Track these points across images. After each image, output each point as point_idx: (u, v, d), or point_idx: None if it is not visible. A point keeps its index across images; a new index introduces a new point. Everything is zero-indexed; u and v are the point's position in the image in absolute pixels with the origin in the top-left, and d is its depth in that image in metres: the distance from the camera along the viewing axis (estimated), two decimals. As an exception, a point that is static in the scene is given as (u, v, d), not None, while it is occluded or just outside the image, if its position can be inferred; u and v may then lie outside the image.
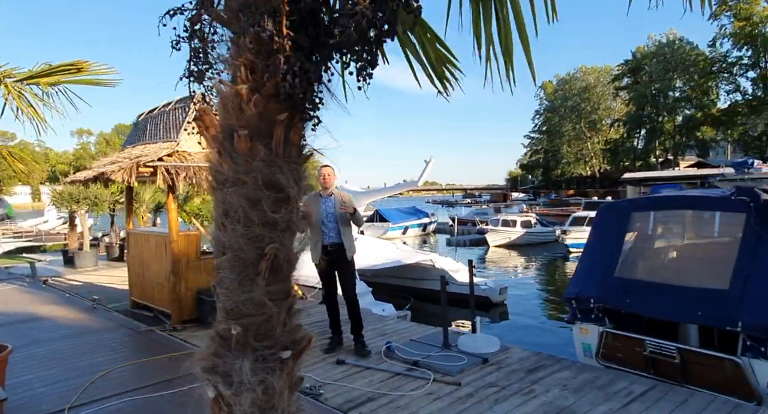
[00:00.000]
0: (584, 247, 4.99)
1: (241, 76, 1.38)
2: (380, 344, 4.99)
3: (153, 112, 6.74)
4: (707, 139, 54.01)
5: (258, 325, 1.48)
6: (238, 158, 1.42)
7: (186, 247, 6.11)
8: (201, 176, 5.81)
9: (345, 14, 1.12)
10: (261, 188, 1.42)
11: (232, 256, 1.45)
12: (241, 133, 1.40)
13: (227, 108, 1.44)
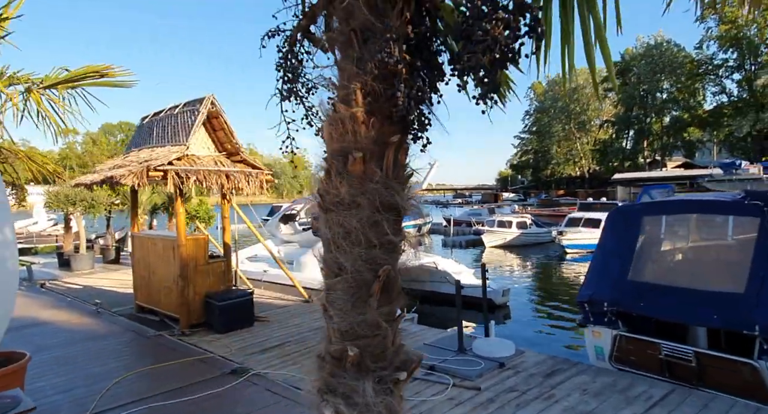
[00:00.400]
0: (595, 251, 5.05)
1: (356, 99, 1.39)
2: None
3: (159, 115, 6.68)
4: (694, 140, 54.86)
5: (373, 347, 1.49)
6: (352, 180, 1.43)
7: (194, 251, 6.08)
8: (211, 180, 5.78)
9: (477, 41, 1.13)
10: (379, 210, 1.43)
11: (349, 278, 1.45)
12: (355, 155, 1.41)
13: (339, 130, 1.45)
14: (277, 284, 8.44)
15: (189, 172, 5.62)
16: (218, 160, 6.15)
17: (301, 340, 5.50)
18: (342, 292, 1.49)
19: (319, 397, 1.53)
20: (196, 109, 6.00)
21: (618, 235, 4.82)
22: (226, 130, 6.16)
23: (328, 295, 1.55)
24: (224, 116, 6.11)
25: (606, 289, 4.55)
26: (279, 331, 5.89)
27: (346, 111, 1.41)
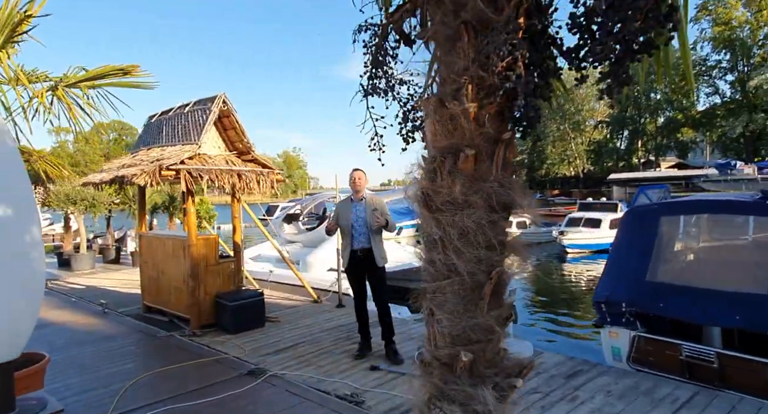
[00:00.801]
0: (611, 251, 5.06)
1: (468, 94, 1.35)
2: (410, 349, 5.00)
3: (168, 114, 6.62)
4: (687, 141, 55.30)
5: (486, 352, 1.46)
6: (464, 179, 1.39)
7: (205, 251, 6.03)
8: (223, 179, 5.74)
9: (609, 32, 1.11)
10: (495, 210, 1.40)
11: (461, 280, 1.42)
12: (468, 152, 1.37)
13: (447, 127, 1.40)
14: (283, 284, 8.39)
15: (201, 172, 5.57)
16: (229, 159, 6.10)
17: (315, 341, 5.47)
18: (453, 295, 1.45)
19: (428, 404, 1.49)
20: (208, 108, 5.95)
21: (635, 235, 4.83)
22: (237, 129, 6.11)
23: (434, 297, 1.49)
24: (235, 115, 6.07)
25: (623, 289, 4.56)
26: (291, 332, 5.86)
27: (456, 107, 1.37)
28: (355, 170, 4.96)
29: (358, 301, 5.01)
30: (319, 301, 7.28)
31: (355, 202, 4.93)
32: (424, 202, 1.48)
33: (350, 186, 4.97)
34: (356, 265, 4.87)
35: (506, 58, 1.24)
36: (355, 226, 4.84)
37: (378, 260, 4.82)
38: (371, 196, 5.00)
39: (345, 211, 4.92)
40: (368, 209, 4.86)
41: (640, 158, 58.47)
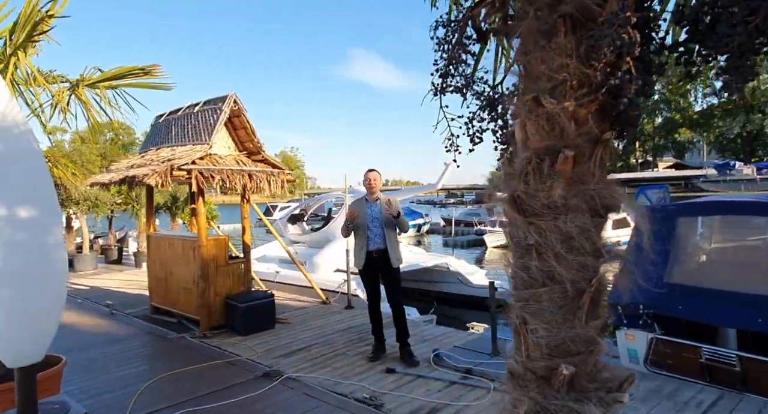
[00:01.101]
0: (626, 251, 5.04)
1: (567, 91, 1.29)
2: (424, 350, 4.97)
3: (177, 114, 6.57)
4: (685, 141, 55.52)
5: (586, 364, 1.39)
6: (562, 181, 1.33)
7: (215, 251, 5.99)
8: (234, 180, 5.69)
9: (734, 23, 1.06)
10: (599, 214, 1.34)
11: (560, 288, 1.36)
12: (567, 153, 1.31)
13: (543, 126, 1.34)
14: (290, 285, 8.35)
15: (213, 172, 5.53)
16: (239, 159, 6.06)
17: (327, 343, 5.43)
18: (550, 303, 1.39)
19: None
20: (218, 108, 5.90)
21: (651, 236, 4.81)
22: (248, 129, 6.07)
23: (527, 305, 1.44)
24: (246, 115, 6.02)
25: (641, 291, 4.54)
26: (302, 334, 5.82)
27: (554, 105, 1.30)
28: (370, 171, 4.92)
29: (372, 302, 4.97)
30: (327, 303, 7.24)
31: (370, 202, 4.90)
32: (516, 206, 1.41)
33: (365, 187, 4.94)
34: (371, 265, 4.83)
35: (614, 54, 1.18)
36: (370, 227, 4.81)
37: (393, 261, 4.79)
38: (386, 196, 4.96)
39: (360, 211, 4.89)
40: (383, 209, 4.83)
41: (637, 158, 58.66)
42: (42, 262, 2.75)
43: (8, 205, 2.61)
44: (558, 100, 1.32)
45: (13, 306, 2.73)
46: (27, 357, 2.90)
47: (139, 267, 11.57)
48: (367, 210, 4.86)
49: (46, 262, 2.78)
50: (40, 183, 2.76)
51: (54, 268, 2.85)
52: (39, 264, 2.73)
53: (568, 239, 1.35)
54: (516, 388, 1.47)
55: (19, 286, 2.74)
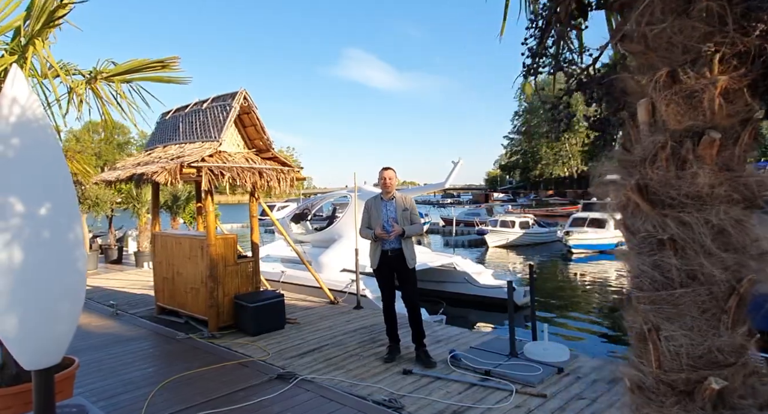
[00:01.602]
0: None
1: (715, 64, 1.14)
2: (439, 351, 4.90)
3: (184, 110, 6.47)
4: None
5: (736, 377, 1.23)
6: (707, 167, 1.19)
7: (224, 250, 5.89)
8: (244, 177, 5.60)
9: None
10: (753, 203, 1.20)
11: (706, 289, 1.22)
12: (713, 135, 1.17)
13: (682, 105, 1.19)
14: (296, 285, 8.26)
15: (223, 169, 5.43)
16: (248, 157, 5.96)
17: (339, 344, 5.35)
18: (692, 307, 1.23)
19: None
20: (228, 104, 5.81)
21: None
22: (258, 126, 5.98)
23: (659, 309, 1.28)
24: (256, 112, 5.93)
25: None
26: (313, 334, 5.74)
27: (697, 80, 1.15)
28: (385, 169, 4.84)
29: (387, 302, 4.90)
30: (335, 303, 7.16)
31: (385, 201, 4.82)
32: (643, 196, 1.25)
33: (380, 185, 4.86)
34: (386, 265, 4.76)
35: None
36: (385, 227, 4.73)
37: (409, 261, 4.71)
38: (401, 195, 4.89)
39: (375, 210, 4.81)
40: (399, 209, 4.75)
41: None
42: (62, 260, 2.66)
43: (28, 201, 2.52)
44: (701, 74, 1.16)
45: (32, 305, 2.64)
46: (45, 359, 2.80)
47: (140, 266, 11.44)
48: (382, 209, 4.78)
49: (66, 260, 2.68)
50: (59, 179, 2.67)
51: (74, 267, 2.76)
52: (59, 262, 2.64)
53: (719, 233, 1.20)
54: (646, 403, 1.31)
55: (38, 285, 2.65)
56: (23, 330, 2.67)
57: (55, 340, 2.85)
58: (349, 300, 7.31)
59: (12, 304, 2.51)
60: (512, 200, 61.02)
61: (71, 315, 2.90)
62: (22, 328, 2.66)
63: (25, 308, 2.66)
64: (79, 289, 2.98)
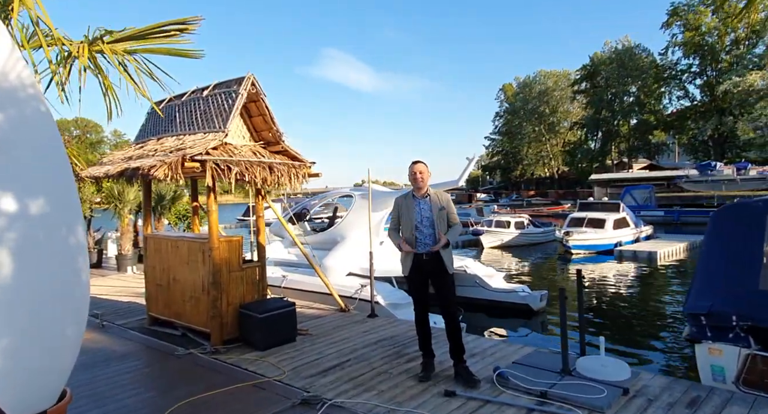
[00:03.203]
0: (701, 255, 4.57)
1: None
2: (479, 368, 4.38)
3: (181, 99, 5.81)
4: (658, 143, 56.66)
5: None
6: None
7: (228, 254, 5.26)
8: (254, 173, 4.98)
9: None
10: None
11: None
12: None
13: None
14: (300, 291, 7.65)
15: (231, 163, 4.81)
16: (256, 150, 5.35)
17: (362, 359, 4.78)
18: None
19: None
20: (234, 91, 5.18)
21: (733, 238, 4.34)
22: (266, 117, 5.36)
23: None
24: (265, 100, 5.32)
25: (731, 299, 4.06)
26: (330, 348, 5.15)
27: None
28: (415, 163, 4.28)
29: (420, 313, 4.36)
30: (346, 310, 6.58)
31: (418, 198, 4.28)
32: None
33: (411, 181, 4.30)
34: (419, 271, 4.22)
35: None
36: (419, 227, 4.19)
37: (447, 265, 4.19)
38: (436, 191, 4.35)
39: (407, 209, 4.26)
40: (435, 207, 4.22)
41: (613, 160, 59.59)
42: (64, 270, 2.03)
43: (17, 195, 1.89)
44: None
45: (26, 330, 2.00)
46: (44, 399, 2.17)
47: (123, 271, 10.63)
48: (415, 208, 4.24)
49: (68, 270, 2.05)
50: (55, 165, 2.04)
51: (77, 279, 2.13)
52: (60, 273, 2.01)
53: None
54: None
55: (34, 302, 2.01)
56: (13, 364, 2.01)
57: (55, 375, 2.20)
58: (360, 307, 6.74)
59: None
60: (494, 200, 61.12)
61: (74, 341, 2.25)
62: (11, 361, 2.00)
63: (15, 334, 2.01)
64: (83, 308, 2.33)
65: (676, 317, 9.10)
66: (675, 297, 11.02)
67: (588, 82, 60.52)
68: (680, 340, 7.54)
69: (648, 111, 55.26)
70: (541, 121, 67.75)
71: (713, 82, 48.22)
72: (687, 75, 52.50)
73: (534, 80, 69.30)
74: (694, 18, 48.44)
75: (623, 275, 13.73)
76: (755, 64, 44.00)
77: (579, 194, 51.67)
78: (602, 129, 59.63)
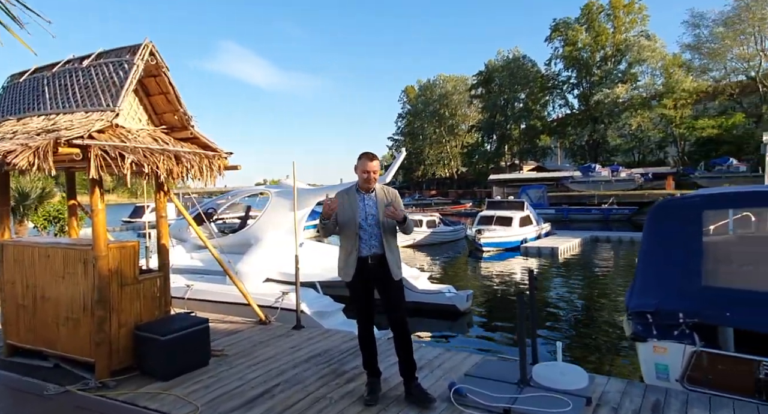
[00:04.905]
0: (642, 252, 4.53)
1: None
2: (429, 384, 3.91)
3: (52, 69, 4.62)
4: (544, 147, 61.68)
5: None
6: None
7: (119, 264, 4.25)
8: (155, 163, 4.03)
9: None
10: None
11: None
12: None
13: None
14: (208, 302, 6.63)
15: (124, 150, 3.83)
16: (157, 136, 4.38)
17: (294, 381, 4.08)
18: None
19: None
20: (127, 61, 4.17)
21: (672, 234, 4.33)
22: (170, 95, 4.42)
23: None
24: (168, 75, 4.37)
25: (676, 297, 4.02)
26: (252, 371, 4.36)
27: None
28: (371, 159, 3.68)
29: (365, 325, 3.78)
30: (267, 322, 5.77)
31: (363, 194, 3.70)
32: None
33: (359, 176, 3.71)
34: (364, 277, 3.64)
35: None
36: (363, 226, 3.61)
37: (394, 271, 3.65)
38: (382, 186, 3.80)
39: (350, 205, 3.66)
40: (381, 204, 3.67)
41: (506, 161, 63.65)
42: None
43: None
44: None
45: None
46: None
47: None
48: (358, 204, 3.65)
49: None
50: None
51: None
52: None
53: None
54: None
55: None
56: None
57: None
58: (283, 318, 5.98)
59: None
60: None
61: None
62: None
63: None
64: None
65: (601, 313, 9.40)
66: (588, 292, 11.54)
67: (483, 88, 63.93)
68: (614, 338, 7.74)
69: (535, 117, 59.78)
70: (441, 123, 70.31)
71: (588, 93, 53.42)
72: (567, 86, 57.70)
73: (434, 83, 71.74)
74: (572, 34, 53.35)
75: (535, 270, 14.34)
76: (620, 79, 49.61)
77: (477, 194, 54.47)
78: (497, 132, 63.35)
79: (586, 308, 9.82)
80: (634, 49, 47.78)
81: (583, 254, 17.05)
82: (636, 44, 47.81)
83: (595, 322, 8.75)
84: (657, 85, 47.38)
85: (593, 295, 11.05)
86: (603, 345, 7.49)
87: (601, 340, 7.73)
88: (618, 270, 14.16)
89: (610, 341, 7.59)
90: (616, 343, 7.41)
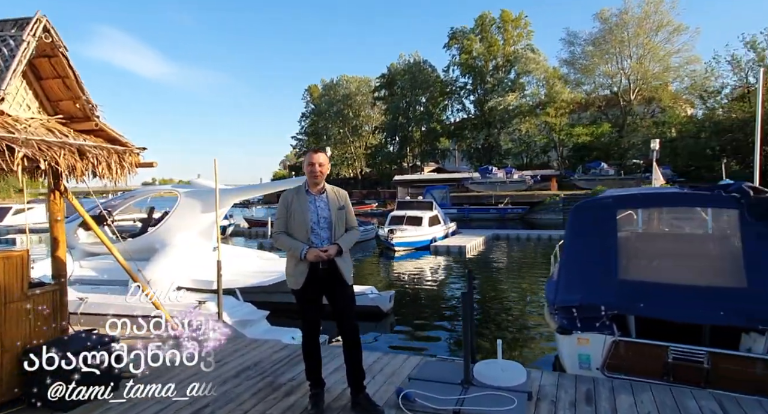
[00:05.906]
0: (565, 251, 4.81)
1: None
2: (374, 391, 3.78)
3: None
4: (444, 149, 64.56)
5: None
6: None
7: (3, 277, 3.56)
8: (53, 158, 3.42)
9: None
10: None
11: None
12: None
13: None
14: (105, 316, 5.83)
15: (13, 143, 3.20)
16: (53, 127, 3.74)
17: (226, 399, 3.74)
18: None
19: None
20: (14, 37, 3.50)
21: (590, 232, 4.66)
22: (70, 80, 3.79)
23: None
24: (66, 56, 3.75)
25: (597, 291, 4.32)
26: (173, 392, 3.89)
27: None
28: (315, 152, 3.47)
29: (311, 334, 3.56)
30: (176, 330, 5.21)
31: (314, 195, 3.47)
32: None
33: (307, 173, 3.47)
34: (316, 283, 3.41)
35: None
36: (315, 230, 3.39)
37: (347, 276, 3.48)
38: (333, 187, 3.60)
39: (300, 207, 3.42)
40: (333, 206, 3.47)
41: (408, 163, 65.52)
42: None
43: None
44: None
45: None
46: None
47: None
48: (309, 206, 3.42)
49: None
50: None
51: None
52: None
53: None
54: None
55: None
56: None
57: None
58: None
59: None
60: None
61: None
62: None
63: None
64: None
65: (509, 307, 9.88)
66: (498, 287, 12.11)
67: (386, 90, 65.18)
68: (532, 329, 8.15)
69: (435, 120, 62.32)
70: (345, 123, 70.39)
71: (482, 99, 56.93)
72: (464, 91, 60.97)
73: (338, 84, 71.62)
74: (467, 43, 56.50)
75: (442, 269, 14.81)
76: (510, 88, 53.60)
77: (381, 194, 55.35)
78: (399, 134, 64.94)
79: (500, 303, 10.32)
80: (522, 61, 51.83)
81: (487, 251, 18.03)
82: (523, 56, 51.92)
83: (512, 316, 9.20)
84: (541, 94, 51.85)
85: (504, 290, 11.66)
86: (521, 338, 7.90)
87: (521, 333, 8.16)
88: (522, 265, 15.20)
89: (529, 333, 8.03)
90: (534, 335, 7.86)
